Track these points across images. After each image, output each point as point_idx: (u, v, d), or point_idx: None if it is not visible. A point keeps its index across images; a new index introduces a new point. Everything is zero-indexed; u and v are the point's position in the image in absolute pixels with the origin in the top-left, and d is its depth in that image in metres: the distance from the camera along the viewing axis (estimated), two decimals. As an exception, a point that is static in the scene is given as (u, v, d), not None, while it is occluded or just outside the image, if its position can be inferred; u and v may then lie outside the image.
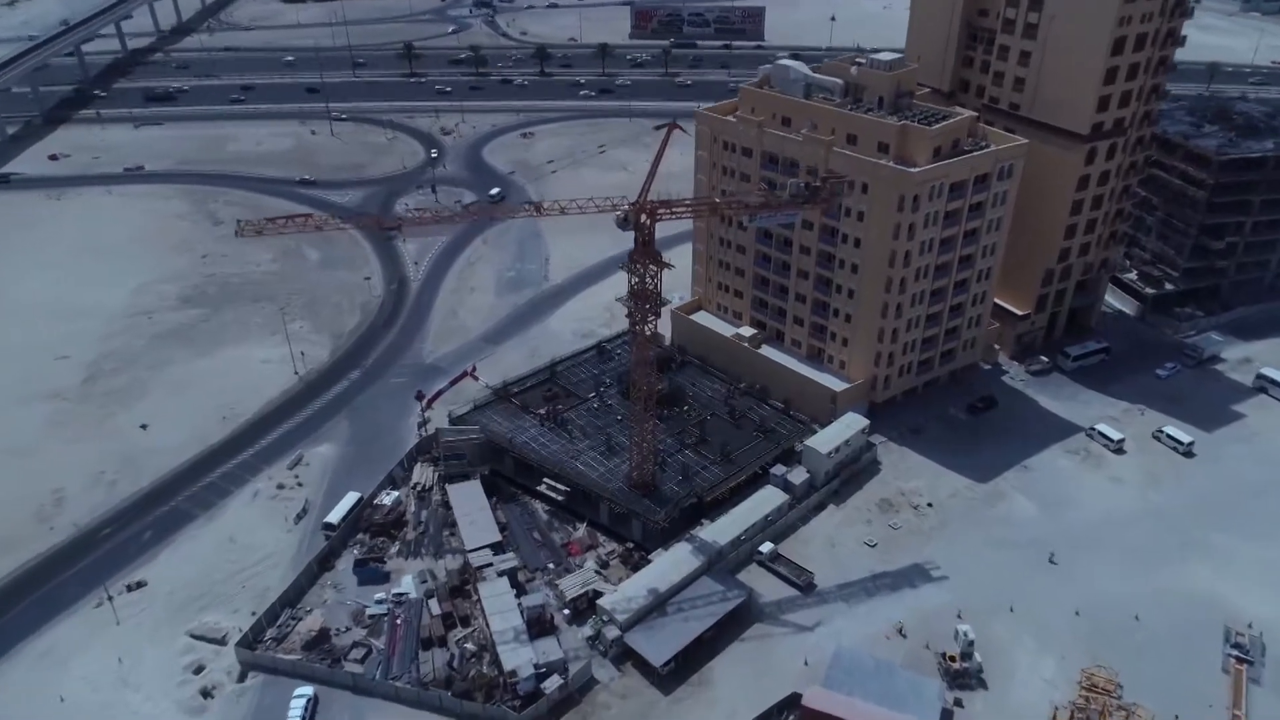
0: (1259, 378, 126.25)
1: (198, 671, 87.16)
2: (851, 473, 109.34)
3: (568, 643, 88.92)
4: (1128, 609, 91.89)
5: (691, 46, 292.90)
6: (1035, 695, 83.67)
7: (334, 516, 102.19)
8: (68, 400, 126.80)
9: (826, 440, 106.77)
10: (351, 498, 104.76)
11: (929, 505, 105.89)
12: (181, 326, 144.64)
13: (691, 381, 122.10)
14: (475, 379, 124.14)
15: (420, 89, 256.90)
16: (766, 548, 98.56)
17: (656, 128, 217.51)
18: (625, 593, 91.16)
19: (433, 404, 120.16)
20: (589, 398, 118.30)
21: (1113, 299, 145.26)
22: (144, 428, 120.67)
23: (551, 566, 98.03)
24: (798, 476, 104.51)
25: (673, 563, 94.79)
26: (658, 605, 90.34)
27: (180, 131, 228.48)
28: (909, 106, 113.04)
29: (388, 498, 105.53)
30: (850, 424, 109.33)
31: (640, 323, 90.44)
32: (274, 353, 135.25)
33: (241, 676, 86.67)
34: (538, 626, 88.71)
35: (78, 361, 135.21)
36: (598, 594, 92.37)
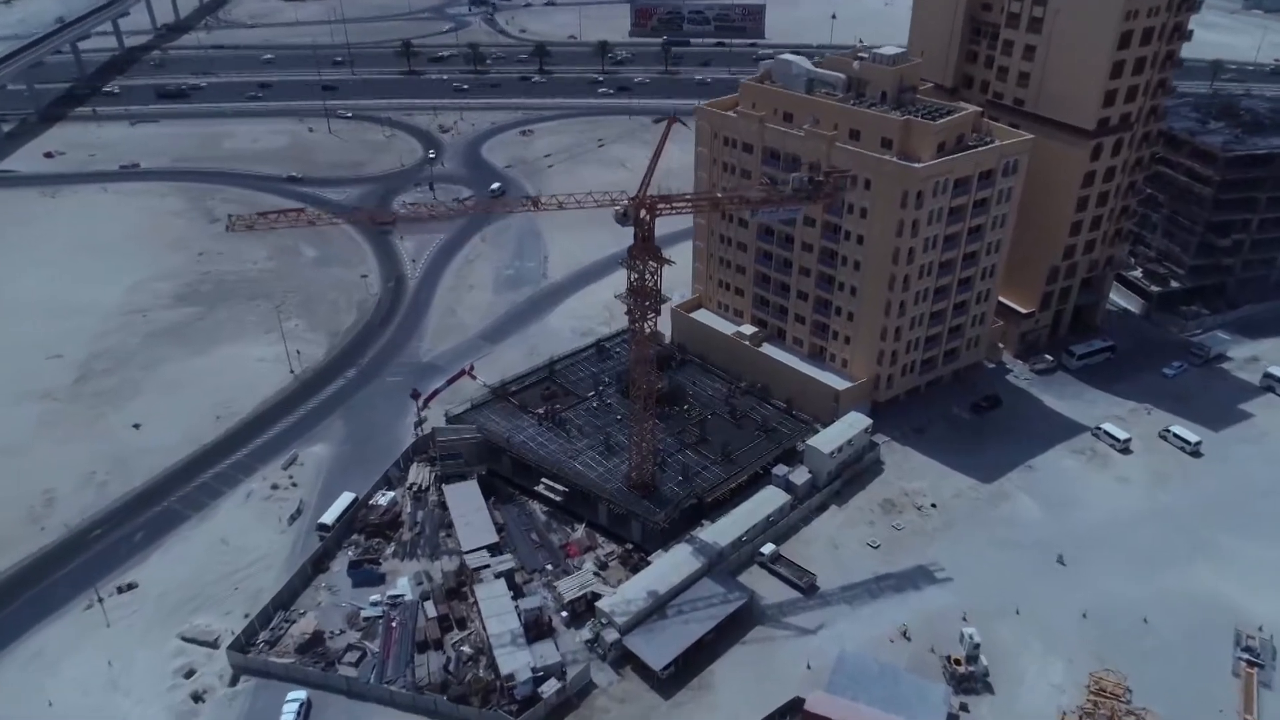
0: (1266, 376, 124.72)
1: (189, 675, 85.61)
2: (854, 473, 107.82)
3: (566, 646, 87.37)
4: (1136, 611, 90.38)
5: (685, 45, 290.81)
6: (1042, 700, 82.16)
7: (328, 517, 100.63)
8: (59, 400, 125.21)
9: (829, 440, 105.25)
10: (346, 498, 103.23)
11: (933, 506, 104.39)
12: (176, 325, 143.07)
13: (692, 380, 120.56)
14: (473, 378, 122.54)
15: (419, 86, 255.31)
16: (768, 549, 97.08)
17: (655, 121, 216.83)
18: (624, 595, 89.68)
19: (430, 403, 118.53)
20: (588, 397, 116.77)
21: (1118, 297, 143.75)
22: (136, 427, 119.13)
23: (549, 568, 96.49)
24: (799, 477, 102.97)
25: (673, 564, 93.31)
26: (657, 608, 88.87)
27: (177, 129, 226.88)
28: (912, 101, 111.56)
29: (383, 498, 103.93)
30: (853, 423, 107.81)
31: (640, 320, 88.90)
32: (269, 351, 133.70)
33: (233, 680, 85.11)
34: (535, 629, 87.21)
35: (70, 360, 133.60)
36: (596, 596, 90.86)
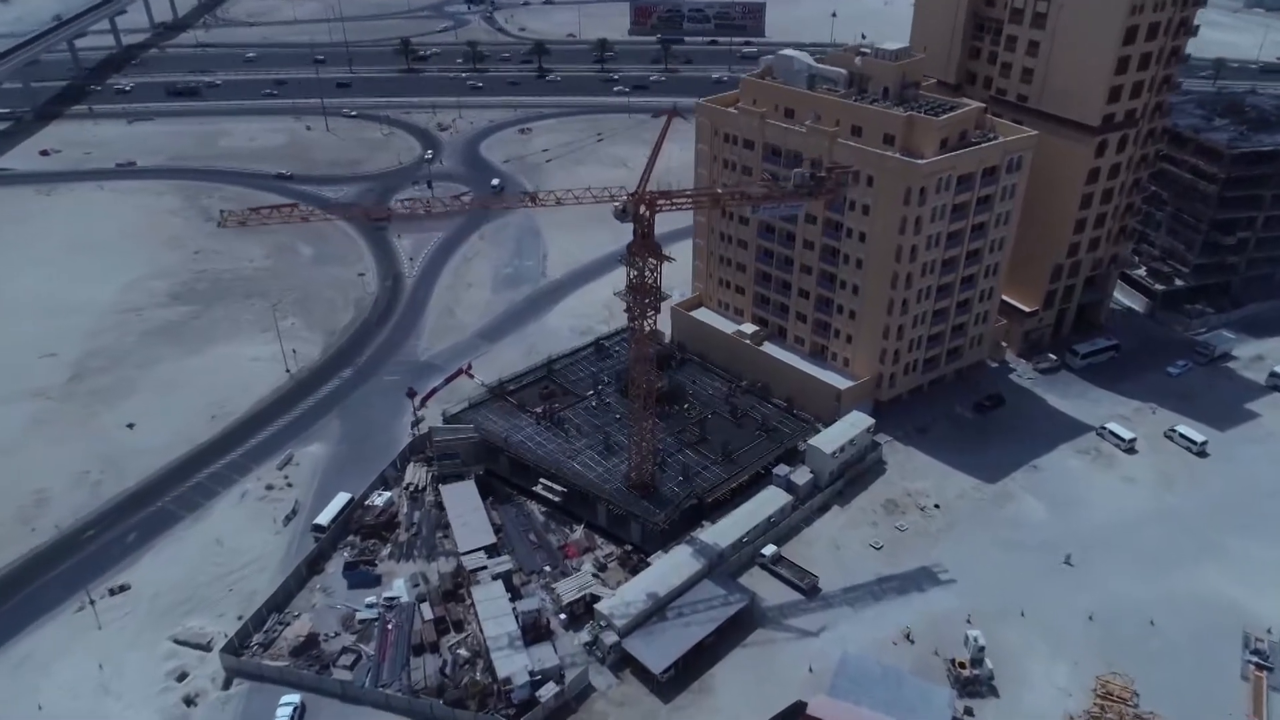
0: (1272, 375, 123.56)
1: (181, 679, 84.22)
2: (856, 473, 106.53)
3: (564, 649, 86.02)
4: (1142, 614, 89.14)
5: (679, 43, 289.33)
6: (1049, 703, 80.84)
7: (324, 518, 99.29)
8: (52, 399, 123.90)
9: (831, 439, 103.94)
10: (342, 499, 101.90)
11: (936, 506, 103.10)
12: (171, 324, 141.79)
13: (692, 379, 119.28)
14: (470, 377, 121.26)
15: (420, 84, 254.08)
16: (769, 550, 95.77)
17: (655, 116, 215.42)
18: (624, 597, 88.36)
19: (427, 402, 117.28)
20: (587, 396, 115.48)
21: (1121, 296, 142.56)
22: (130, 427, 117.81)
23: (548, 570, 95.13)
24: (801, 477, 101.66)
25: (672, 566, 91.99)
26: (657, 610, 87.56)
27: (174, 127, 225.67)
28: (915, 97, 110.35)
29: (379, 499, 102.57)
30: (855, 423, 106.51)
31: (639, 318, 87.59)
32: (265, 350, 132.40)
33: (226, 684, 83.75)
34: (533, 632, 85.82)
35: (64, 359, 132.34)
36: (595, 598, 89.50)
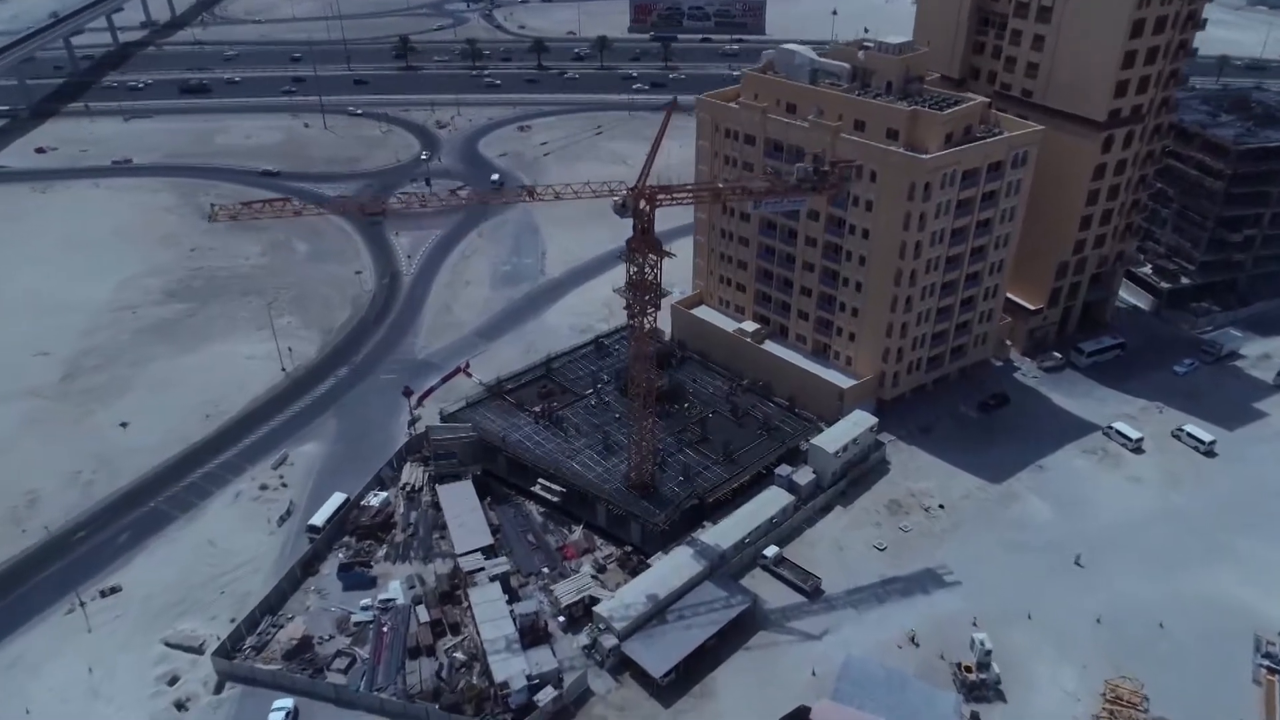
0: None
1: (172, 682, 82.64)
2: (859, 473, 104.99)
3: (562, 652, 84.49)
4: (1151, 616, 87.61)
5: (673, 41, 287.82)
6: (1056, 708, 79.31)
7: (319, 518, 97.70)
8: (45, 398, 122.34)
9: (833, 439, 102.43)
10: (337, 499, 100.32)
11: (940, 507, 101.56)
12: (165, 322, 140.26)
13: (692, 378, 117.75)
14: (468, 375, 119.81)
15: (417, 82, 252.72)
16: (771, 551, 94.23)
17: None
18: (623, 599, 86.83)
19: (424, 401, 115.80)
20: (586, 395, 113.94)
21: (1126, 294, 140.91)
22: (124, 426, 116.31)
23: (546, 571, 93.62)
24: (803, 477, 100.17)
25: (673, 567, 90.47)
26: (657, 612, 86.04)
27: (170, 124, 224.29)
28: (919, 92, 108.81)
29: (375, 499, 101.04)
30: (858, 422, 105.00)
31: (639, 315, 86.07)
32: (260, 348, 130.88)
33: (218, 687, 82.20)
34: (531, 635, 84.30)
35: (57, 357, 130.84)
36: (594, 600, 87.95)
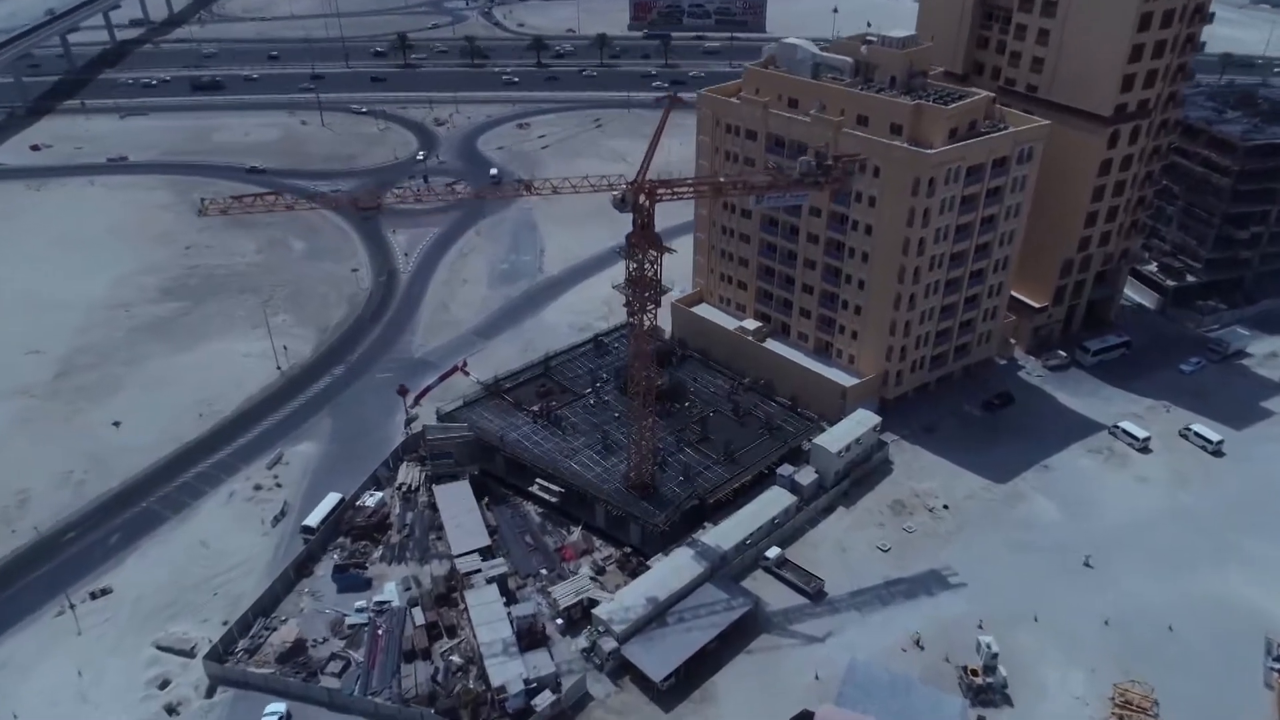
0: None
1: (163, 686, 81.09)
2: (862, 473, 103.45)
3: (561, 655, 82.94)
4: (1160, 618, 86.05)
5: (665, 38, 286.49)
6: (1065, 712, 77.73)
7: (313, 519, 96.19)
8: (37, 396, 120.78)
9: (836, 438, 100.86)
10: (332, 499, 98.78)
11: (945, 507, 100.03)
12: (160, 320, 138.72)
13: (693, 377, 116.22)
14: (466, 374, 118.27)
15: (416, 79, 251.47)
16: (773, 553, 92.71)
17: (657, 101, 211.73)
18: (623, 601, 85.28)
19: (421, 400, 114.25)
20: (585, 393, 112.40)
21: (1131, 292, 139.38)
22: (116, 425, 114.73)
23: (544, 573, 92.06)
24: (806, 477, 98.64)
25: (673, 569, 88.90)
26: (657, 615, 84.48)
27: (167, 122, 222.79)
28: (923, 87, 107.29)
29: (371, 499, 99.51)
30: (861, 421, 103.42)
31: (639, 312, 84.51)
32: (256, 347, 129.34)
33: (209, 691, 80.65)
34: (529, 638, 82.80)
35: (50, 356, 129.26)
36: (593, 602, 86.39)
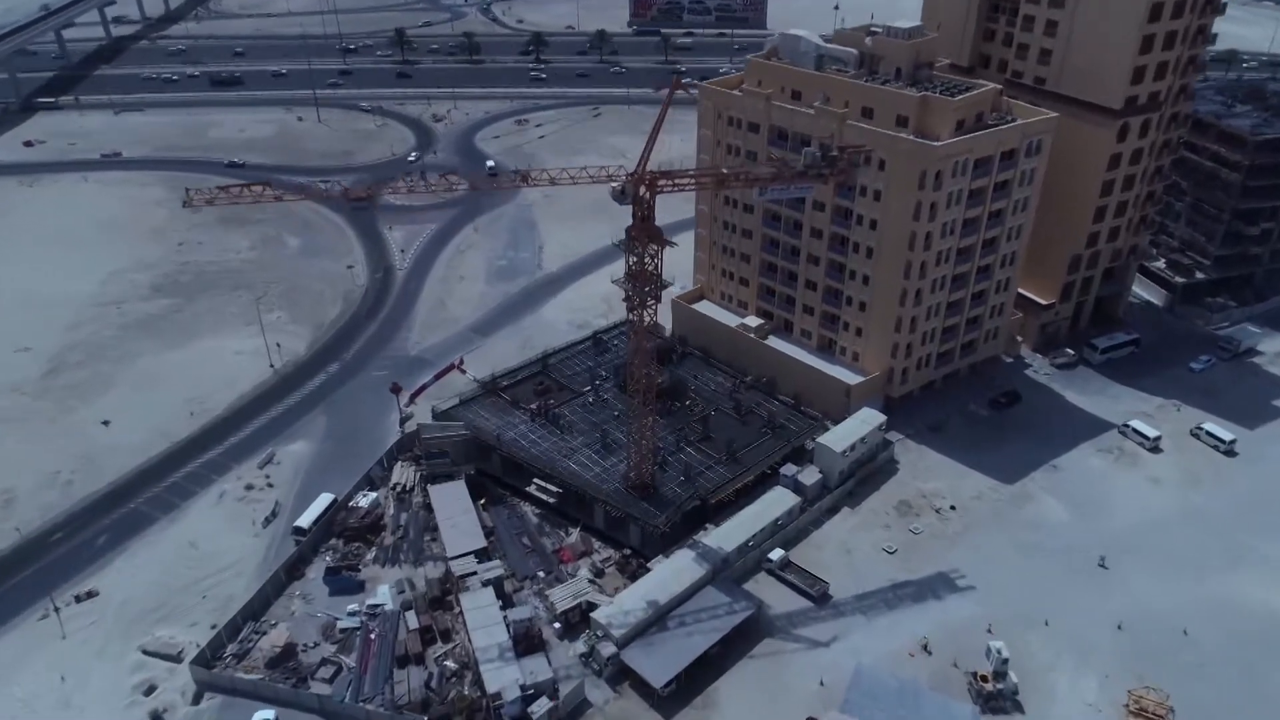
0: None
1: (148, 692, 78.85)
2: (867, 472, 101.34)
3: (558, 660, 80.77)
4: (1175, 622, 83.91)
5: (656, 34, 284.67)
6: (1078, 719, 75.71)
7: (305, 520, 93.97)
8: (25, 394, 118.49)
9: (840, 437, 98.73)
10: (325, 499, 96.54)
11: (951, 508, 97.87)
12: (152, 317, 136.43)
13: (694, 374, 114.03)
14: (463, 372, 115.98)
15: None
16: (776, 555, 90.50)
17: (656, 90, 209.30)
18: (622, 605, 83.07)
19: (416, 399, 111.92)
20: (584, 392, 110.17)
21: (1139, 289, 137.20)
22: (106, 424, 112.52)
23: (541, 575, 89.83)
24: (809, 477, 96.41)
25: (674, 572, 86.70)
26: (658, 619, 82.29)
27: (162, 118, 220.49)
28: (928, 78, 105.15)
29: (364, 499, 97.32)
30: (865, 420, 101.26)
31: (639, 307, 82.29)
32: (249, 344, 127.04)
33: (196, 698, 78.35)
34: (525, 642, 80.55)
35: (40, 353, 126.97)
36: (592, 606, 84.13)
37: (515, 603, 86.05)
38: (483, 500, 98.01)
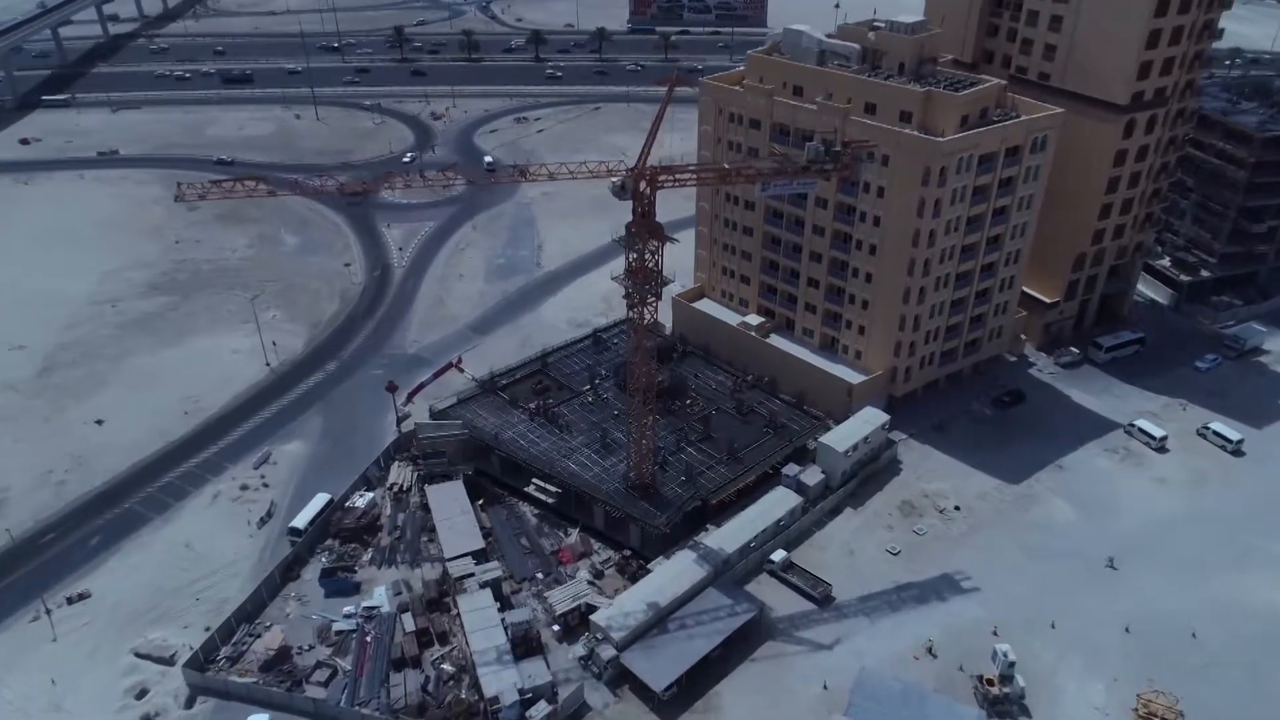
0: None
1: (140, 696, 77.53)
2: (870, 473, 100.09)
3: (557, 664, 79.55)
4: (1183, 625, 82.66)
5: (650, 32, 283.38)
6: (1085, 724, 74.43)
7: (300, 520, 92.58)
8: (19, 393, 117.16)
9: (843, 437, 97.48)
10: (321, 500, 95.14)
11: (956, 508, 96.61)
12: (148, 315, 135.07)
13: (694, 373, 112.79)
14: (460, 371, 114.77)
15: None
16: (778, 556, 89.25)
17: (656, 82, 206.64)
18: (622, 607, 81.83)
19: (414, 398, 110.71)
20: (583, 391, 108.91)
21: (1144, 287, 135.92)
22: (99, 423, 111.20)
23: (540, 577, 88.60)
24: (812, 477, 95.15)
25: (674, 573, 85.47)
26: (658, 621, 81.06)
27: (159, 115, 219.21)
28: (932, 74, 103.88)
29: (361, 500, 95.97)
30: (868, 419, 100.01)
31: (639, 305, 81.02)
32: (245, 343, 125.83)
33: (189, 702, 77.04)
34: (523, 645, 79.38)
35: (34, 352, 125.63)
36: (591, 608, 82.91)
37: (513, 605, 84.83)
38: (481, 501, 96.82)
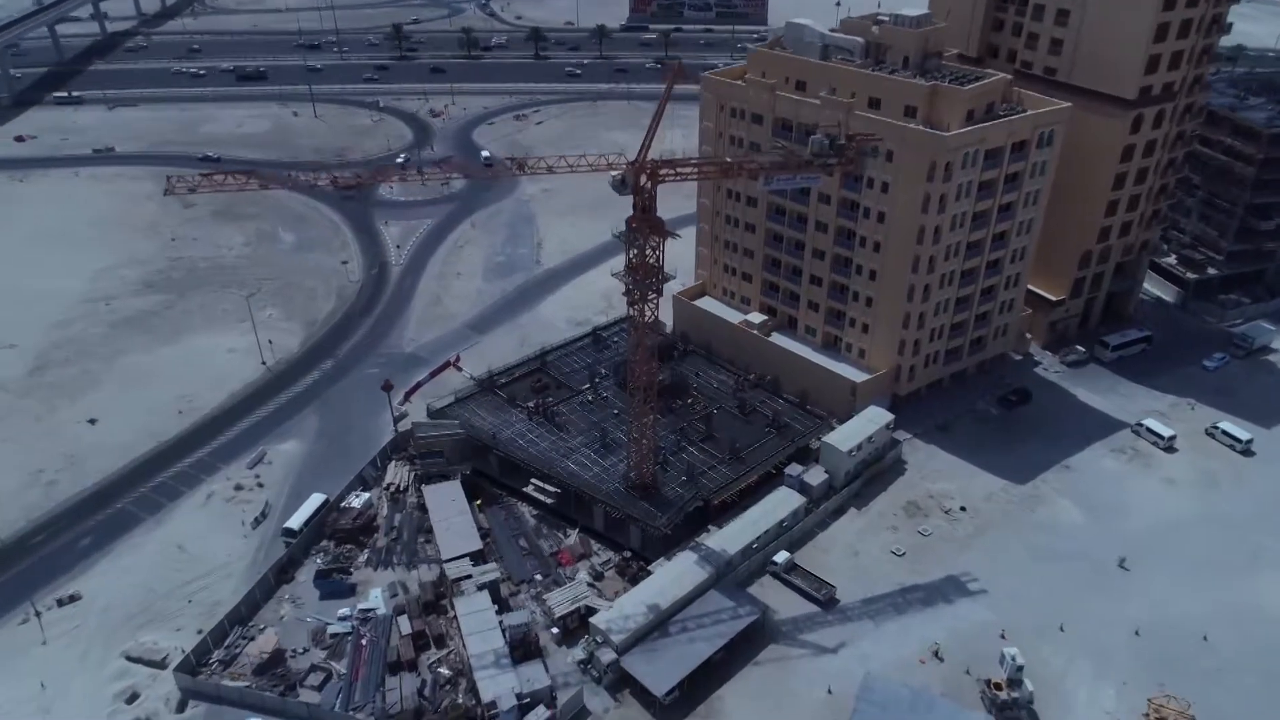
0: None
1: (131, 700, 75.95)
2: (874, 473, 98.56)
3: (556, 667, 77.99)
4: (1194, 628, 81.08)
5: (644, 29, 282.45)
6: (1096, 729, 72.89)
7: (295, 521, 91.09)
8: (10, 392, 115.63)
9: (847, 437, 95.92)
10: (316, 500, 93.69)
11: (962, 509, 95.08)
12: (142, 314, 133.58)
13: (696, 372, 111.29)
14: (458, 369, 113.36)
15: (413, 71, 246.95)
16: (781, 558, 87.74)
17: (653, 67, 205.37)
18: (622, 609, 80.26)
19: (411, 397, 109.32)
20: (582, 390, 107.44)
21: (1150, 285, 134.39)
22: (92, 422, 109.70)
23: (539, 579, 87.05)
24: (815, 477, 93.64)
25: (675, 575, 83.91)
26: (659, 624, 79.56)
27: (156, 113, 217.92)
28: (937, 68, 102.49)
29: (357, 500, 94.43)
30: (873, 418, 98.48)
31: (639, 302, 79.51)
32: (240, 341, 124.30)
33: (180, 706, 75.46)
34: (522, 648, 77.83)
35: (26, 350, 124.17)
36: (590, 610, 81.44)
37: (511, 607, 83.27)
38: (478, 501, 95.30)
